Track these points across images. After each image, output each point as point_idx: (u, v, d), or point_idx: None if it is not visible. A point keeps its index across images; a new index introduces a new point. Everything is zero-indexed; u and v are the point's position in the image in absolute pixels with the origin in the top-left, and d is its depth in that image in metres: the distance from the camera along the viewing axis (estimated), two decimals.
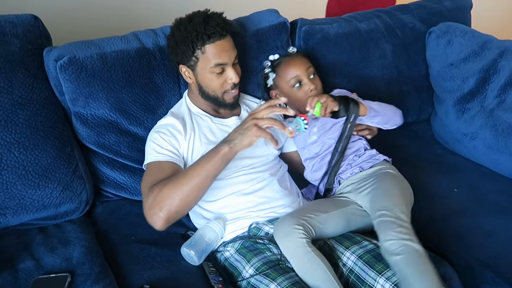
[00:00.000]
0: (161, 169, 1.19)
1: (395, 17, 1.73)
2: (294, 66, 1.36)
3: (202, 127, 1.29)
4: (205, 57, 1.21)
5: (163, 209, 1.09)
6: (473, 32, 1.66)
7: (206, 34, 1.18)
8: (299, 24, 1.58)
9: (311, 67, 1.38)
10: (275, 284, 1.04)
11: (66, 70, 1.24)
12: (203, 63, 1.22)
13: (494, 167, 1.55)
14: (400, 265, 1.02)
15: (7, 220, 1.21)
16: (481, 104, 1.56)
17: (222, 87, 1.26)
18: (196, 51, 1.21)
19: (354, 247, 1.13)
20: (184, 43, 1.20)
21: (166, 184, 1.11)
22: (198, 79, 1.26)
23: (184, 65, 1.25)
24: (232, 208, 1.24)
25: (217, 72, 1.23)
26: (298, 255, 1.08)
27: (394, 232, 1.06)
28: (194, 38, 1.18)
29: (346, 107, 1.23)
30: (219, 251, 1.22)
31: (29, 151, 1.21)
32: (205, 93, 1.28)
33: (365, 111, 1.27)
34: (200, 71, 1.24)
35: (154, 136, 1.27)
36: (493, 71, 1.54)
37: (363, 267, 1.08)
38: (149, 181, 1.16)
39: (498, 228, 1.29)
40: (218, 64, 1.21)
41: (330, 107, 1.21)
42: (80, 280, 1.07)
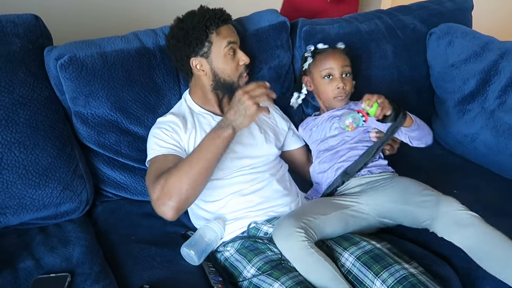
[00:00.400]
0: (166, 161, 1.18)
1: (396, 18, 1.73)
2: (331, 59, 1.40)
3: (203, 125, 1.29)
4: (218, 39, 1.25)
5: (173, 197, 1.09)
6: (474, 33, 1.66)
7: (216, 17, 1.24)
8: (300, 24, 1.58)
9: (348, 67, 1.41)
10: (279, 284, 1.04)
11: (66, 69, 1.24)
12: (217, 45, 1.25)
13: (494, 168, 1.55)
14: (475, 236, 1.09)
15: (7, 219, 1.21)
16: (481, 105, 1.56)
17: (237, 70, 1.29)
18: (209, 35, 1.25)
19: (352, 248, 1.13)
20: (197, 30, 1.23)
21: (172, 173, 1.11)
22: (213, 67, 1.27)
23: (196, 56, 1.26)
24: (231, 208, 1.24)
25: (230, 54, 1.26)
26: (301, 257, 1.08)
27: (456, 204, 1.15)
28: (207, 22, 1.24)
29: (397, 114, 1.20)
30: (219, 251, 1.22)
31: (29, 150, 1.21)
32: (220, 81, 1.29)
33: (410, 122, 1.25)
34: (214, 56, 1.26)
35: (155, 132, 1.27)
36: (494, 72, 1.54)
37: (361, 269, 1.08)
38: (153, 173, 1.16)
39: (498, 229, 1.28)
40: (230, 42, 1.26)
41: (386, 110, 1.18)
42: (80, 279, 1.06)
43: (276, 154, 1.36)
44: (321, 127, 1.42)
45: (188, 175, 1.09)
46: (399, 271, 1.05)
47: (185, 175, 1.09)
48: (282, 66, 1.54)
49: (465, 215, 1.12)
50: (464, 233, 1.10)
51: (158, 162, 1.20)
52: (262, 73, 1.50)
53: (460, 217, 1.12)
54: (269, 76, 1.52)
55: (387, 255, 1.10)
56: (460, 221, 1.11)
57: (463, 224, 1.11)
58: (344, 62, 1.40)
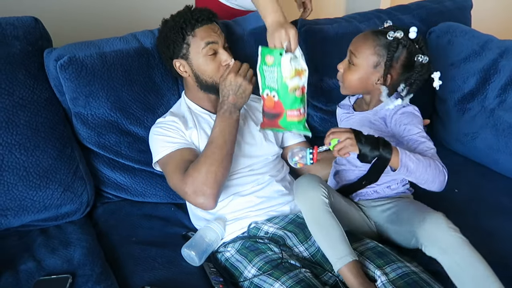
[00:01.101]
0: (184, 156, 1.21)
1: (395, 17, 1.73)
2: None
3: (202, 124, 1.30)
4: (195, 40, 1.23)
5: (209, 185, 1.14)
6: (473, 32, 1.66)
7: (193, 18, 1.22)
8: (299, 24, 1.59)
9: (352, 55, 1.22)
10: (279, 283, 1.04)
11: (66, 69, 1.25)
12: (194, 47, 1.24)
13: (494, 167, 1.55)
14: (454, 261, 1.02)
15: (9, 221, 1.21)
16: (481, 104, 1.56)
17: (219, 70, 1.25)
18: (186, 37, 1.23)
19: (355, 244, 1.13)
20: (174, 32, 1.23)
21: (201, 162, 1.16)
22: (193, 68, 1.26)
23: (177, 58, 1.26)
24: (232, 208, 1.24)
25: (209, 54, 1.23)
26: (318, 211, 1.08)
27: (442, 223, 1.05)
28: (183, 24, 1.22)
29: (373, 152, 1.05)
30: (219, 252, 1.22)
31: (30, 152, 1.21)
32: (203, 83, 1.27)
33: (396, 164, 1.06)
34: (193, 57, 1.25)
35: (158, 131, 1.27)
36: (493, 71, 1.54)
37: (364, 262, 1.09)
38: (178, 170, 1.18)
39: (498, 228, 1.28)
40: (209, 43, 1.23)
41: (345, 150, 1.06)
42: (81, 281, 1.06)
43: (277, 153, 1.36)
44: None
45: (219, 160, 1.15)
46: (402, 268, 1.05)
47: (216, 161, 1.15)
48: None
49: (449, 238, 1.03)
50: (445, 256, 1.04)
51: (176, 159, 1.21)
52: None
53: (444, 240, 1.03)
54: None
55: (389, 253, 1.11)
56: (443, 243, 1.03)
57: (445, 248, 1.03)
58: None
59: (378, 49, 1.18)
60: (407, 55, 1.18)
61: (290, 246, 1.18)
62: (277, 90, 1.14)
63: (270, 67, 1.13)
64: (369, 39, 1.19)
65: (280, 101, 1.15)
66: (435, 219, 1.05)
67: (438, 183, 1.09)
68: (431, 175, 1.08)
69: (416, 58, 1.17)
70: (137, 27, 1.45)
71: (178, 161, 1.20)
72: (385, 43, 1.17)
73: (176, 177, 1.18)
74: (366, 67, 1.19)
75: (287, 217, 1.24)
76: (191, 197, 1.16)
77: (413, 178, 1.09)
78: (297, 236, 1.18)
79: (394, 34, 1.15)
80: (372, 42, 1.18)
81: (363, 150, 1.05)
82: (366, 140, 1.05)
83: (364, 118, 1.26)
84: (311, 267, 1.11)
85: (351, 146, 1.05)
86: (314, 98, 1.61)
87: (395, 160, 1.05)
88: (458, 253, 1.02)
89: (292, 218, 1.24)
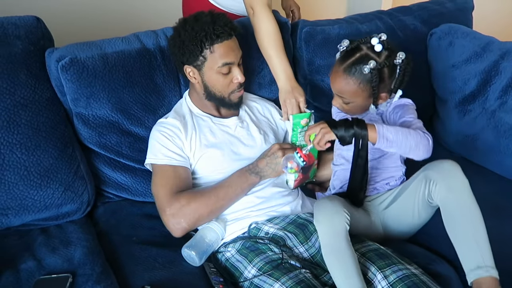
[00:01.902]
0: (177, 175, 1.23)
1: (396, 19, 1.73)
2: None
3: (202, 128, 1.30)
4: (213, 56, 1.22)
5: (189, 221, 1.18)
6: (474, 34, 1.66)
7: (215, 33, 1.19)
8: (300, 25, 1.59)
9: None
10: (279, 284, 1.04)
11: (67, 70, 1.25)
12: (210, 62, 1.22)
13: (495, 169, 1.55)
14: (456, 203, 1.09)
15: (9, 220, 1.21)
16: (482, 106, 1.56)
17: (229, 87, 1.27)
18: (204, 51, 1.21)
19: (357, 245, 1.13)
20: (192, 43, 1.20)
21: (195, 199, 1.18)
22: (204, 79, 1.26)
23: (190, 65, 1.25)
24: (232, 209, 1.24)
25: (224, 73, 1.23)
26: (339, 239, 1.05)
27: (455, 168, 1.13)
28: (203, 38, 1.19)
29: (348, 131, 1.10)
30: (220, 252, 1.23)
31: (31, 151, 1.21)
32: (211, 94, 1.28)
33: (374, 137, 1.10)
34: (206, 71, 1.24)
35: (157, 136, 1.27)
36: (494, 73, 1.54)
37: (365, 263, 1.09)
38: (167, 188, 1.21)
39: (498, 229, 1.28)
40: (225, 64, 1.22)
41: (323, 140, 1.11)
42: (82, 280, 1.07)
43: None
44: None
45: (213, 207, 1.19)
46: (402, 270, 1.06)
47: (210, 206, 1.19)
48: None
49: (460, 178, 1.11)
50: (451, 195, 1.10)
51: (168, 174, 1.23)
52: (264, 73, 1.51)
53: (455, 179, 1.11)
54: (270, 76, 1.52)
55: (391, 255, 1.11)
56: (452, 182, 1.10)
57: (454, 187, 1.10)
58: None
59: (362, 85, 1.17)
60: (388, 68, 1.17)
61: (291, 247, 1.18)
62: (307, 145, 1.21)
63: (305, 127, 1.32)
64: (348, 79, 1.17)
65: (311, 152, 1.24)
66: (451, 162, 1.13)
67: (422, 148, 1.11)
68: (414, 141, 1.10)
69: (395, 61, 1.17)
70: (139, 26, 1.45)
71: (169, 177, 1.23)
72: (364, 75, 1.15)
73: (163, 193, 1.21)
74: (361, 100, 1.21)
75: (288, 218, 1.24)
76: (166, 217, 1.19)
77: (396, 148, 1.11)
78: (297, 237, 1.18)
79: (368, 67, 1.14)
80: (353, 81, 1.17)
81: (339, 133, 1.11)
82: (339, 124, 1.12)
83: (363, 116, 1.28)
84: (311, 268, 1.12)
85: (327, 134, 1.11)
86: (316, 99, 1.61)
87: (372, 134, 1.09)
88: (464, 194, 1.09)
89: (292, 218, 1.24)
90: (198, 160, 1.27)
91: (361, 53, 1.17)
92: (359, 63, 1.16)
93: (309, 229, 1.20)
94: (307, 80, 1.60)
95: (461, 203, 1.09)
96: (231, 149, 1.29)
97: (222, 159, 1.27)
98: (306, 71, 1.59)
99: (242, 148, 1.30)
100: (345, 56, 1.19)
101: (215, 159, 1.27)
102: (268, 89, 1.53)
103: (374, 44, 1.16)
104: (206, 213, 1.19)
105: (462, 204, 1.09)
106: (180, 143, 1.26)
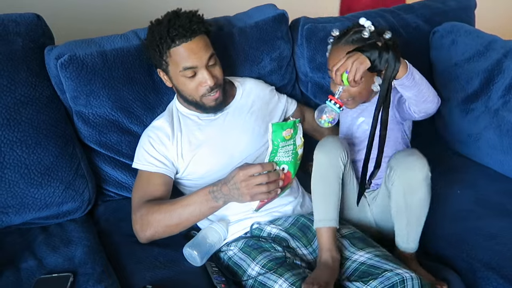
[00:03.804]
0: (150, 182, 1.23)
1: (398, 17, 1.72)
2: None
3: (190, 127, 1.28)
4: (173, 61, 1.17)
5: (148, 231, 1.16)
6: (477, 32, 1.65)
7: (169, 37, 1.13)
8: (302, 22, 1.58)
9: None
10: (283, 280, 1.04)
11: (66, 68, 1.24)
12: (172, 67, 1.19)
13: (498, 168, 1.55)
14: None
15: (10, 218, 1.21)
16: (485, 105, 1.55)
17: (198, 91, 1.20)
18: (163, 55, 1.17)
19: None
20: (152, 47, 1.19)
21: (153, 211, 1.16)
22: (173, 83, 1.24)
23: (159, 68, 1.24)
24: (234, 210, 1.23)
25: (189, 76, 1.18)
26: (330, 171, 1.13)
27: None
28: (159, 42, 1.15)
29: (383, 56, 1.00)
30: (222, 251, 1.22)
31: (31, 149, 1.20)
32: (184, 97, 1.26)
33: (403, 71, 1.02)
34: (173, 75, 1.21)
35: (144, 140, 1.27)
36: (497, 71, 1.53)
37: (343, 242, 1.13)
38: (138, 194, 1.22)
39: (502, 230, 1.28)
40: (186, 68, 1.16)
41: (360, 71, 1.00)
42: (83, 280, 1.06)
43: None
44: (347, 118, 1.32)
45: (166, 223, 1.15)
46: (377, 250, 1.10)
47: (163, 221, 1.15)
48: (283, 58, 1.55)
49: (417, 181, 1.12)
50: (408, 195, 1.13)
51: (142, 181, 1.24)
52: (264, 64, 1.50)
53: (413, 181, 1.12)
54: (271, 67, 1.52)
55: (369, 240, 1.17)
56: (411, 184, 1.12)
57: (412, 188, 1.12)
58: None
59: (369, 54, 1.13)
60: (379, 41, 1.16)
61: (294, 248, 1.18)
62: (288, 162, 1.10)
63: (288, 141, 1.09)
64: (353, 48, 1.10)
65: (290, 171, 1.12)
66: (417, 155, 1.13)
67: (435, 103, 1.12)
68: (432, 93, 1.11)
69: (384, 36, 1.18)
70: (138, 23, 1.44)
71: (142, 184, 1.24)
72: (366, 40, 1.14)
73: (133, 198, 1.23)
74: (369, 76, 1.15)
75: (290, 218, 1.24)
76: (133, 222, 1.19)
77: (416, 92, 1.08)
78: (300, 240, 1.18)
79: (367, 30, 1.16)
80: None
81: (372, 56, 1.00)
82: (369, 47, 1.02)
83: (364, 108, 1.28)
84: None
85: (362, 64, 0.99)
86: (317, 97, 1.60)
87: (403, 66, 1.02)
88: (421, 191, 1.12)
89: (295, 218, 1.23)
90: (189, 162, 1.25)
91: (354, 30, 1.20)
92: (357, 33, 1.18)
93: (312, 231, 1.20)
94: (308, 78, 1.59)
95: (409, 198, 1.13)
96: (223, 143, 1.26)
97: (215, 156, 1.25)
98: (307, 68, 1.59)
99: (235, 138, 1.27)
100: (340, 36, 1.22)
101: (209, 156, 1.25)
102: (268, 79, 1.53)
103: (362, 23, 1.18)
104: (161, 229, 1.15)
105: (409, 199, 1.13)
106: (163, 149, 1.24)
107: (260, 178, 1.05)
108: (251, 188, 1.05)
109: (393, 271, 1.01)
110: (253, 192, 1.05)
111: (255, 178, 1.04)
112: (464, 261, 1.22)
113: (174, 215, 1.14)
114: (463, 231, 1.29)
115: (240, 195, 1.07)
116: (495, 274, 1.16)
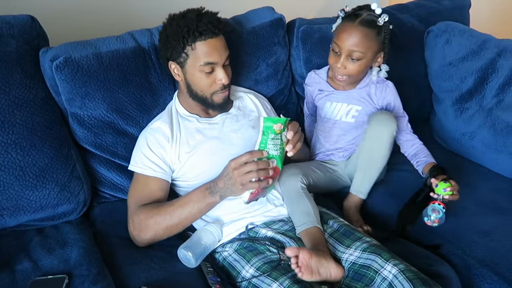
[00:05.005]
0: (147, 186, 1.23)
1: (393, 17, 1.72)
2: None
3: (189, 129, 1.29)
4: (195, 54, 1.19)
5: (148, 234, 1.18)
6: (471, 32, 1.66)
7: (197, 30, 1.16)
8: (297, 24, 1.58)
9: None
10: (277, 284, 1.03)
11: (62, 70, 1.24)
12: (192, 60, 1.20)
13: (492, 167, 1.55)
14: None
15: (5, 221, 1.20)
16: (479, 104, 1.56)
17: (211, 87, 1.24)
18: (186, 48, 1.19)
19: (325, 227, 1.20)
20: (175, 38, 1.19)
21: (152, 214, 1.17)
22: (186, 77, 1.25)
23: (174, 61, 1.24)
24: (228, 210, 1.23)
25: (206, 72, 1.21)
26: (294, 190, 1.25)
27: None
28: (185, 34, 1.17)
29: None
30: (217, 252, 1.22)
31: (26, 151, 1.20)
32: (193, 92, 1.26)
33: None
34: (189, 69, 1.22)
35: (141, 143, 1.27)
36: (491, 71, 1.54)
37: (334, 244, 1.14)
38: (135, 198, 1.23)
39: (496, 227, 1.28)
40: (208, 63, 1.19)
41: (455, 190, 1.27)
42: (78, 281, 1.06)
43: None
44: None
45: (167, 224, 1.17)
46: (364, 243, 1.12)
47: (163, 222, 1.17)
48: (279, 63, 1.55)
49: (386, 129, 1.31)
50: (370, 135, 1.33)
51: (139, 184, 1.25)
52: (260, 70, 1.50)
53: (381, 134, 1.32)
54: (267, 73, 1.52)
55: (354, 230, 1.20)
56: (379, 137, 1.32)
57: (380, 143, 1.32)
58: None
59: (377, 38, 1.29)
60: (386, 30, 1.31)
61: None
62: (276, 156, 1.13)
63: (278, 134, 1.12)
64: (366, 31, 1.27)
65: (277, 166, 1.14)
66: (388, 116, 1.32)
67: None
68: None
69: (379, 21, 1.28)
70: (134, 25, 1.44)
71: (139, 188, 1.24)
72: (379, 27, 1.28)
73: (130, 202, 1.23)
74: (371, 55, 1.31)
75: (286, 225, 1.24)
76: (130, 226, 1.21)
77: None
78: (296, 244, 1.18)
79: (382, 18, 1.27)
80: (371, 32, 1.28)
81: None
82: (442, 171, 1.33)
83: (350, 97, 1.42)
84: None
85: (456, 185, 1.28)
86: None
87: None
88: (382, 143, 1.31)
89: (291, 226, 1.23)
90: (185, 163, 1.25)
91: (367, 13, 1.29)
92: (373, 17, 1.28)
93: None
94: (304, 79, 1.60)
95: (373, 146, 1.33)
96: (220, 146, 1.27)
97: (211, 158, 1.25)
98: (304, 70, 1.59)
99: (232, 143, 1.28)
100: (353, 15, 1.29)
101: (205, 159, 1.25)
102: (265, 85, 1.53)
103: (374, 8, 1.30)
104: (163, 229, 1.17)
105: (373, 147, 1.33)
106: (162, 152, 1.24)
107: (250, 165, 1.08)
108: (242, 175, 1.08)
109: (380, 274, 1.04)
110: (244, 180, 1.08)
111: (245, 166, 1.08)
112: (460, 258, 1.22)
113: (174, 216, 1.16)
114: (458, 228, 1.30)
115: (233, 184, 1.10)
116: (489, 271, 1.17)
